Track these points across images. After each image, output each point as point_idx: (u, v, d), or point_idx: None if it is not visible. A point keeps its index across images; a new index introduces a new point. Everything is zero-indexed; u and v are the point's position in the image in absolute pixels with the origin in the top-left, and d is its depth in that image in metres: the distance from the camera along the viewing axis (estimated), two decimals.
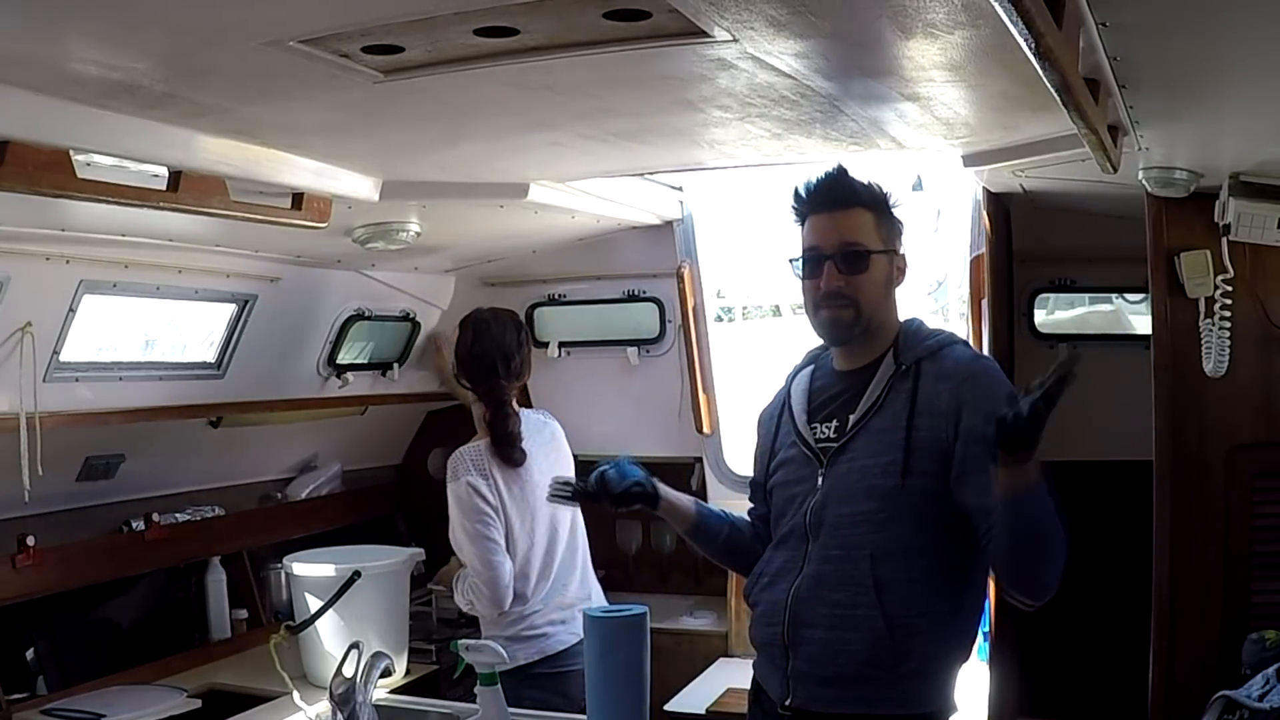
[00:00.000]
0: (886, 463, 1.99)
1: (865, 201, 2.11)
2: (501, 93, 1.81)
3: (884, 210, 2.13)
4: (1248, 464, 2.65)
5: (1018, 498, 1.80)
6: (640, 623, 2.46)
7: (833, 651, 2.00)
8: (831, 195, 2.11)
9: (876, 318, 2.10)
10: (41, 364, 2.76)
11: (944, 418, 1.97)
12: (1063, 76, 1.37)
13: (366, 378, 3.94)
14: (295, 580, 3.15)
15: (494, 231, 3.42)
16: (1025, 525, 1.82)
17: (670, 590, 4.19)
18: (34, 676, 3.02)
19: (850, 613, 1.99)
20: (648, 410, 4.03)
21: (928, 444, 1.97)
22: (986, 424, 1.77)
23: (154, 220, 2.39)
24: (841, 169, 2.13)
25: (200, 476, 3.64)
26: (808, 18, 1.43)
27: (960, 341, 2.13)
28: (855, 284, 2.07)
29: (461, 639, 2.68)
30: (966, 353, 2.11)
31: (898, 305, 2.16)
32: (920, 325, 2.15)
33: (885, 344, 2.11)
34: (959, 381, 1.99)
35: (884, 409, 2.04)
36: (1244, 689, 2.29)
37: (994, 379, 2.02)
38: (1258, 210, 2.45)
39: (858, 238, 2.08)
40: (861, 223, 2.09)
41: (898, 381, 2.06)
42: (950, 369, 2.03)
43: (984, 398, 1.92)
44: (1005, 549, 1.87)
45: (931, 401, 2.00)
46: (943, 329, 2.16)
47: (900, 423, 2.00)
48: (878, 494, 2.00)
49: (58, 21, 1.37)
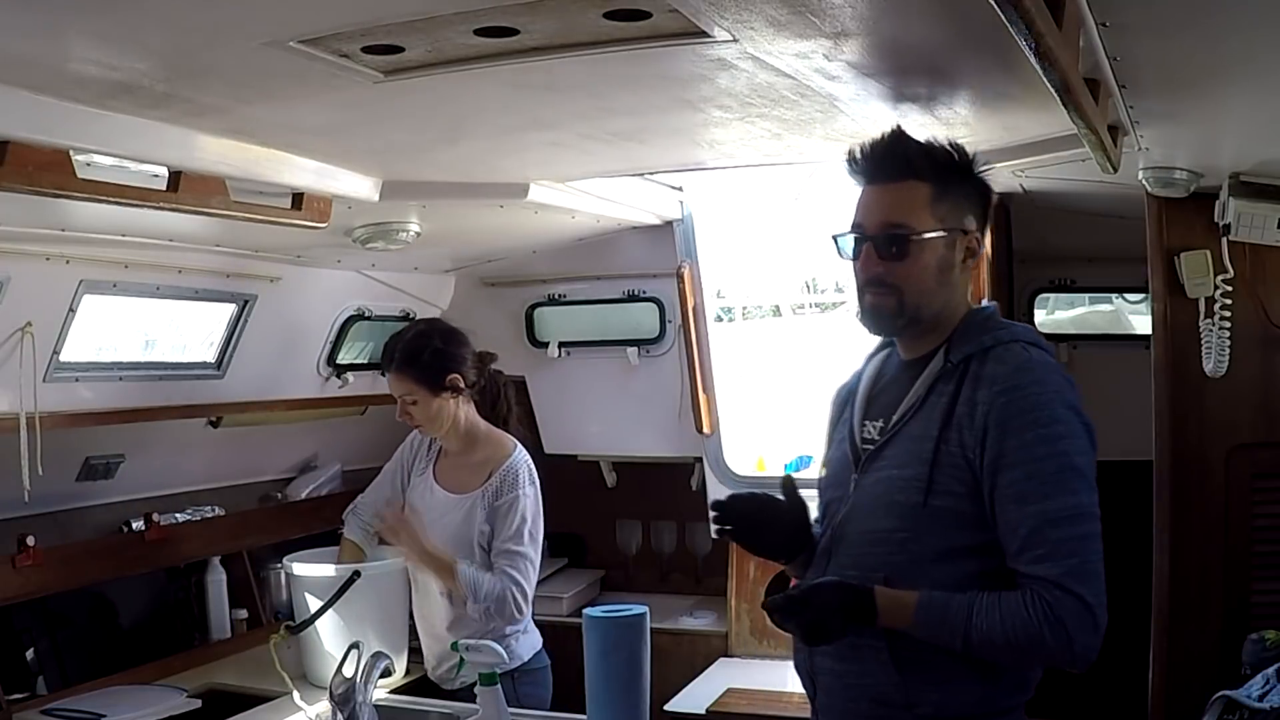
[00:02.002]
0: (910, 477, 1.75)
1: (922, 172, 1.79)
2: (501, 93, 1.81)
3: (946, 181, 1.80)
4: (1248, 464, 2.66)
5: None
6: (640, 623, 2.46)
7: (844, 685, 1.82)
8: (883, 164, 1.81)
9: (929, 307, 1.80)
10: (41, 364, 2.76)
11: (974, 435, 1.71)
12: (1063, 76, 1.37)
13: (366, 378, 3.94)
14: (295, 580, 3.15)
15: (494, 231, 3.42)
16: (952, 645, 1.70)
17: (670, 590, 4.18)
18: (34, 676, 3.02)
19: (858, 643, 1.76)
20: (648, 410, 4.03)
21: (957, 461, 1.72)
22: (1009, 464, 1.66)
23: (154, 220, 2.39)
24: (899, 131, 1.82)
25: (200, 476, 3.64)
26: (808, 18, 1.43)
27: (1022, 340, 1.79)
28: (898, 271, 1.79)
29: (462, 639, 2.68)
30: (1018, 356, 1.76)
31: (968, 289, 1.88)
32: (987, 316, 1.85)
33: (945, 335, 1.82)
34: (993, 395, 1.71)
35: (921, 413, 1.79)
36: (1244, 689, 2.29)
37: (1033, 399, 1.70)
38: (1258, 210, 2.46)
39: (903, 218, 1.78)
40: (912, 199, 1.79)
41: (942, 382, 1.79)
42: (991, 375, 1.74)
43: (1014, 427, 1.68)
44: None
45: (967, 412, 1.72)
46: (1013, 323, 1.87)
47: (932, 432, 1.75)
48: (897, 511, 1.76)
49: (58, 21, 1.37)
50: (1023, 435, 1.68)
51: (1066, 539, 1.66)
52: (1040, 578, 1.65)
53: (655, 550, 4.23)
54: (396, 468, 3.15)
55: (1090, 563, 1.66)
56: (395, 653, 3.06)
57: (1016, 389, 1.71)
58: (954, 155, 1.82)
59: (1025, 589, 1.66)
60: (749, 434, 4.83)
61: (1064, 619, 1.63)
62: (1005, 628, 1.66)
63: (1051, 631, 1.64)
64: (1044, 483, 1.66)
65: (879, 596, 1.73)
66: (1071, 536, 1.66)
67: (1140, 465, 2.70)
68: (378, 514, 3.04)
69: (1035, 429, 1.68)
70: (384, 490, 3.16)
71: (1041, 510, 1.66)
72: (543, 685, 2.95)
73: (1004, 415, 1.69)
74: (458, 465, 2.99)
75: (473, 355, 2.98)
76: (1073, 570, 1.64)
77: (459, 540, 2.86)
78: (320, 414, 3.90)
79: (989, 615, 1.67)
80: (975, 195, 1.85)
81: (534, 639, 2.96)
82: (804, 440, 4.34)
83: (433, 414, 2.90)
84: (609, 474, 4.25)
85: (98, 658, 3.17)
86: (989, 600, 1.68)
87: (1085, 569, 1.65)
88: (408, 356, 2.90)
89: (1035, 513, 1.66)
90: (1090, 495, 1.70)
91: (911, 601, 1.71)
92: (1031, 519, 1.67)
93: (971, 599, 1.69)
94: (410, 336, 2.97)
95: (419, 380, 2.88)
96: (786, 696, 3.37)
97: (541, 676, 2.95)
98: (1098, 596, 1.65)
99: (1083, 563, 1.65)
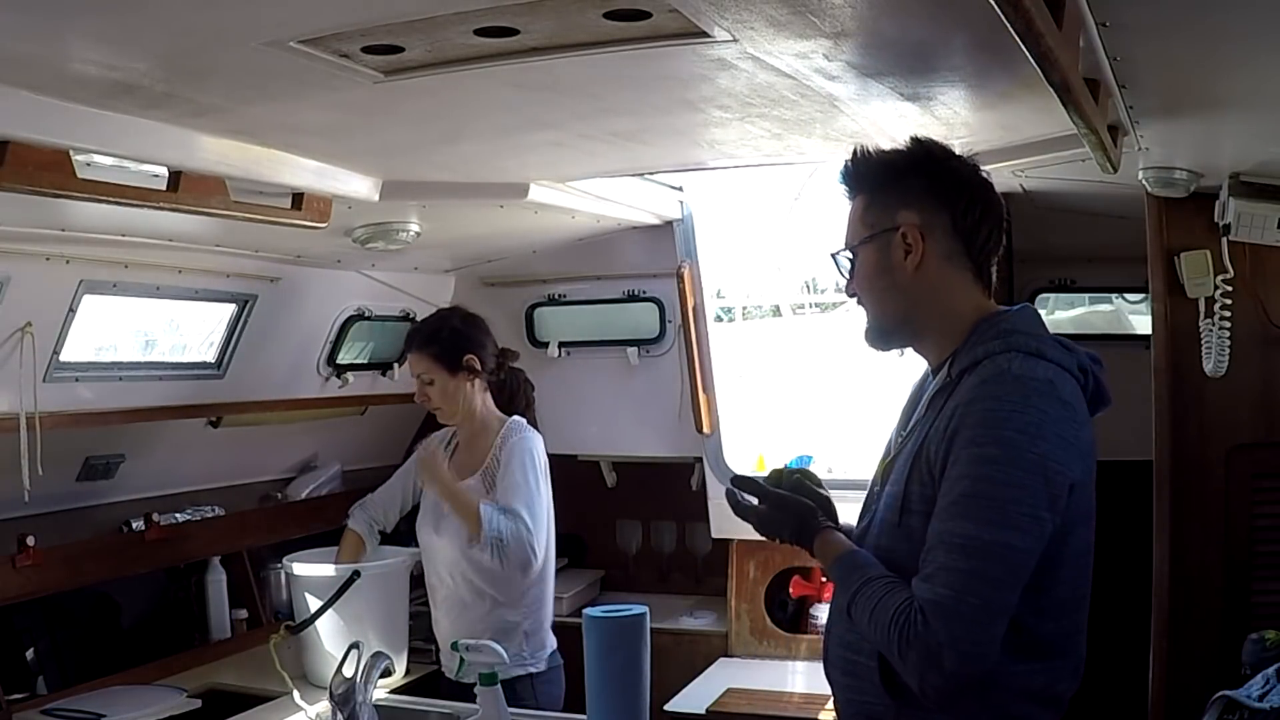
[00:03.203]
0: (895, 494, 1.70)
1: (860, 184, 1.77)
2: (501, 93, 1.81)
3: (880, 185, 1.74)
4: (1248, 464, 2.66)
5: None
6: (640, 623, 2.46)
7: (845, 699, 1.78)
8: (843, 188, 1.81)
9: (893, 315, 1.75)
10: (41, 364, 2.76)
11: (939, 450, 1.62)
12: (1063, 76, 1.37)
13: (366, 378, 3.94)
14: (295, 580, 3.15)
15: (494, 231, 3.42)
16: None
17: (670, 590, 4.18)
18: (34, 676, 3.02)
19: (854, 658, 1.73)
20: (648, 410, 4.03)
21: (925, 478, 1.64)
22: (945, 478, 1.59)
23: (154, 220, 2.39)
24: (854, 152, 1.77)
25: (200, 476, 3.64)
26: (808, 18, 1.43)
27: (1019, 349, 1.63)
28: (856, 289, 1.78)
29: (462, 640, 2.69)
30: (997, 368, 1.62)
31: (964, 290, 1.73)
32: (997, 321, 1.69)
33: (955, 345, 1.71)
34: (954, 408, 1.62)
35: (919, 428, 1.72)
36: (1244, 689, 2.29)
37: (979, 414, 1.58)
38: (1258, 210, 2.46)
39: (847, 238, 1.78)
40: (854, 216, 1.78)
41: (939, 396, 1.70)
42: (965, 387, 1.64)
43: (959, 441, 1.59)
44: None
45: (942, 427, 1.63)
46: (1021, 330, 1.68)
47: (917, 449, 1.68)
48: (887, 530, 1.71)
49: (58, 22, 1.37)
50: (959, 451, 1.58)
51: (950, 568, 1.54)
52: (916, 597, 1.56)
53: (655, 550, 4.24)
54: (410, 472, 3.17)
55: (965, 603, 1.51)
56: (395, 653, 3.06)
57: (973, 403, 1.59)
58: (899, 154, 1.74)
59: (910, 599, 1.57)
60: (749, 434, 4.83)
61: (912, 645, 1.54)
62: (872, 621, 1.62)
63: (899, 650, 1.56)
64: (954, 502, 1.57)
65: (820, 536, 1.79)
66: (956, 568, 1.53)
67: (1140, 465, 2.70)
68: (422, 445, 3.07)
69: (971, 447, 1.57)
70: (394, 492, 3.20)
71: (941, 530, 1.57)
72: (558, 684, 2.98)
73: (956, 429, 1.59)
74: (468, 453, 3.01)
75: (493, 344, 3.02)
76: (942, 602, 1.52)
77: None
78: (320, 414, 3.90)
79: (868, 600, 1.63)
80: (921, 186, 1.71)
81: (551, 641, 2.99)
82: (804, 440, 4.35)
83: (449, 395, 2.93)
84: (609, 474, 4.25)
85: (98, 658, 3.17)
86: (880, 587, 1.62)
87: (955, 607, 1.51)
88: (427, 336, 2.97)
89: (936, 530, 1.58)
90: (1001, 533, 1.53)
91: (835, 553, 1.75)
92: (933, 536, 1.58)
93: (871, 577, 1.65)
94: (432, 318, 3.07)
95: (437, 358, 2.92)
96: (786, 696, 3.37)
97: (556, 675, 2.98)
98: (955, 640, 1.51)
99: (956, 599, 1.52)
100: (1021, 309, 1.75)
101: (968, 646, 1.52)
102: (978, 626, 1.53)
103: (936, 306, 1.73)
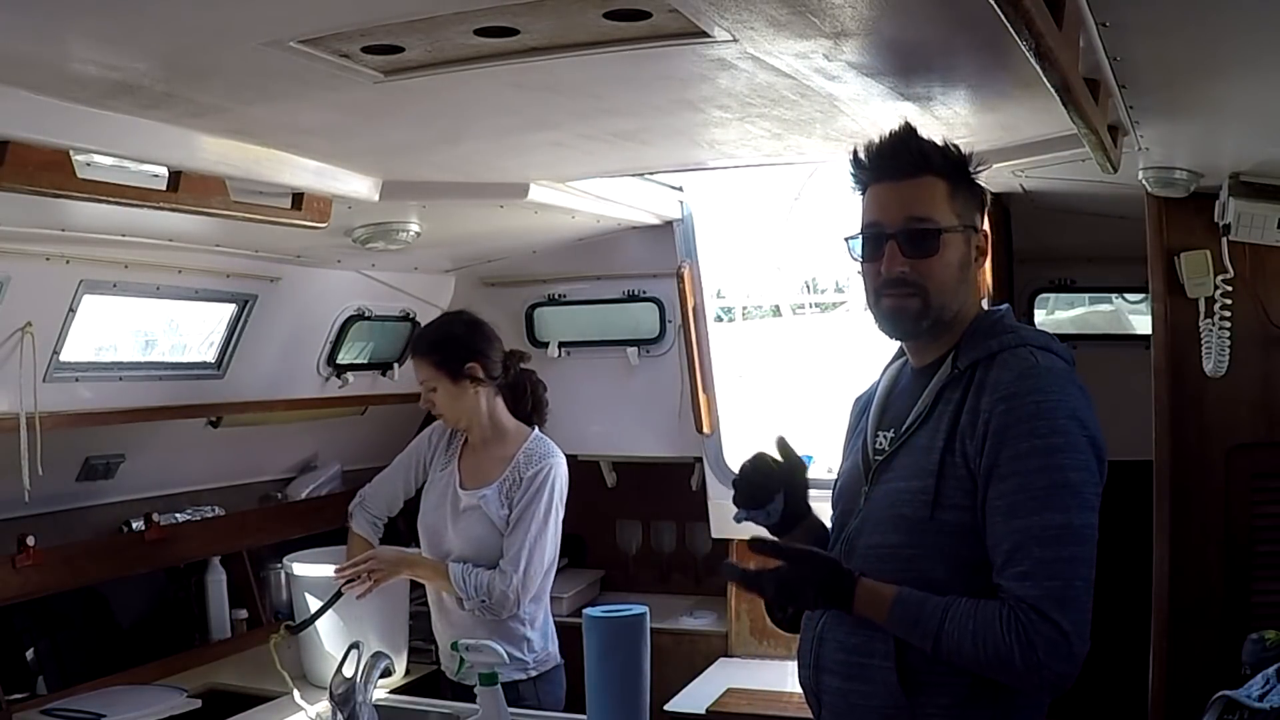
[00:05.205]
0: (918, 489, 1.69)
1: (938, 167, 1.75)
2: (501, 93, 1.81)
3: (961, 177, 1.77)
4: (1248, 464, 2.66)
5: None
6: (640, 623, 2.46)
7: (849, 705, 1.75)
8: (897, 160, 1.75)
9: (949, 307, 1.75)
10: (41, 364, 2.76)
11: (975, 445, 1.65)
12: (1063, 76, 1.37)
13: (366, 378, 3.94)
14: (295, 580, 3.15)
15: (494, 231, 3.42)
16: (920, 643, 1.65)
17: (670, 590, 4.18)
18: (34, 676, 3.02)
19: (864, 661, 1.71)
20: (648, 410, 4.03)
21: (961, 472, 1.66)
22: (1002, 475, 1.60)
23: (154, 220, 2.39)
24: (909, 128, 1.77)
25: (200, 476, 3.64)
26: (808, 18, 1.43)
27: (1032, 344, 1.72)
28: (923, 268, 1.73)
29: (462, 640, 2.68)
30: (1024, 361, 1.69)
31: (976, 291, 1.83)
32: (998, 318, 1.79)
33: (954, 340, 1.77)
34: (994, 403, 1.65)
35: (928, 423, 1.73)
36: (1244, 689, 2.29)
37: (1032, 408, 1.63)
38: (1258, 210, 2.46)
39: (927, 211, 1.73)
40: (932, 194, 1.74)
41: (949, 390, 1.73)
42: (994, 382, 1.67)
43: (1010, 436, 1.62)
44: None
45: (971, 421, 1.66)
46: (1024, 326, 1.80)
47: (938, 443, 1.69)
48: (905, 526, 1.70)
49: (58, 21, 1.37)
50: (1017, 445, 1.61)
51: (1050, 559, 1.57)
52: (1019, 597, 1.57)
53: (655, 550, 4.24)
54: (411, 462, 3.13)
55: (1073, 587, 1.57)
56: (395, 653, 3.06)
57: (1016, 396, 1.63)
58: (960, 153, 1.79)
59: (1004, 604, 1.59)
60: (749, 434, 4.83)
61: (1036, 644, 1.55)
62: (976, 640, 1.59)
63: (1022, 654, 1.56)
64: (1034, 497, 1.59)
65: (859, 586, 1.68)
66: (1056, 558, 1.58)
67: (1140, 465, 2.70)
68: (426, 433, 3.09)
69: (1031, 439, 1.60)
70: (395, 483, 3.14)
71: (1027, 525, 1.59)
72: (559, 684, 2.97)
73: (1002, 424, 1.62)
74: (481, 459, 2.99)
75: (499, 349, 2.99)
76: (1053, 594, 1.56)
77: (479, 531, 2.87)
78: (320, 414, 3.90)
79: (962, 624, 1.60)
80: (978, 195, 1.82)
81: (552, 644, 2.98)
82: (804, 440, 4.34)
83: (453, 402, 2.92)
84: (609, 474, 4.25)
85: (98, 658, 3.17)
86: (966, 607, 1.61)
87: (1066, 594, 1.57)
88: (430, 344, 2.96)
89: (1021, 528, 1.59)
90: (1083, 516, 1.60)
91: (889, 596, 1.66)
92: (1017, 534, 1.59)
93: (949, 603, 1.62)
94: (435, 324, 3.07)
95: (439, 367, 2.91)
96: (786, 696, 3.37)
97: (557, 675, 2.97)
98: (1076, 624, 1.56)
99: (1065, 586, 1.57)
100: (1005, 308, 1.84)
101: (1086, 627, 1.58)
102: (1088, 606, 1.59)
103: (968, 305, 1.80)
